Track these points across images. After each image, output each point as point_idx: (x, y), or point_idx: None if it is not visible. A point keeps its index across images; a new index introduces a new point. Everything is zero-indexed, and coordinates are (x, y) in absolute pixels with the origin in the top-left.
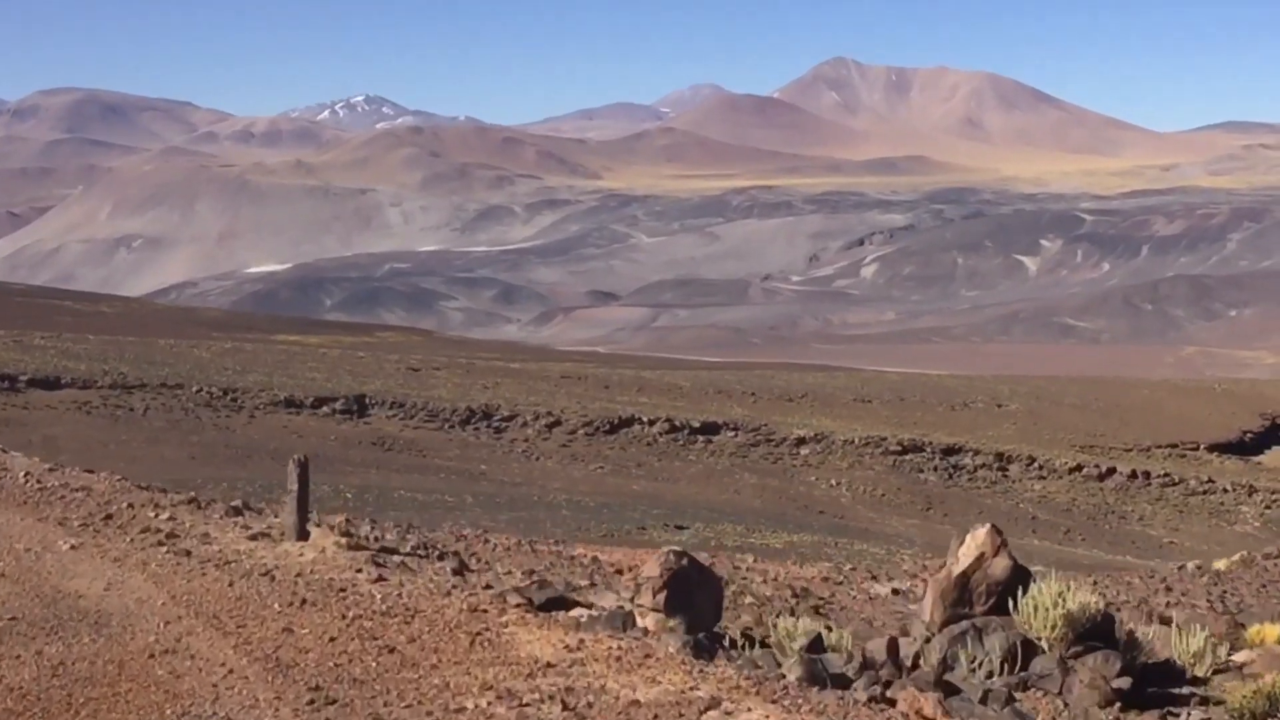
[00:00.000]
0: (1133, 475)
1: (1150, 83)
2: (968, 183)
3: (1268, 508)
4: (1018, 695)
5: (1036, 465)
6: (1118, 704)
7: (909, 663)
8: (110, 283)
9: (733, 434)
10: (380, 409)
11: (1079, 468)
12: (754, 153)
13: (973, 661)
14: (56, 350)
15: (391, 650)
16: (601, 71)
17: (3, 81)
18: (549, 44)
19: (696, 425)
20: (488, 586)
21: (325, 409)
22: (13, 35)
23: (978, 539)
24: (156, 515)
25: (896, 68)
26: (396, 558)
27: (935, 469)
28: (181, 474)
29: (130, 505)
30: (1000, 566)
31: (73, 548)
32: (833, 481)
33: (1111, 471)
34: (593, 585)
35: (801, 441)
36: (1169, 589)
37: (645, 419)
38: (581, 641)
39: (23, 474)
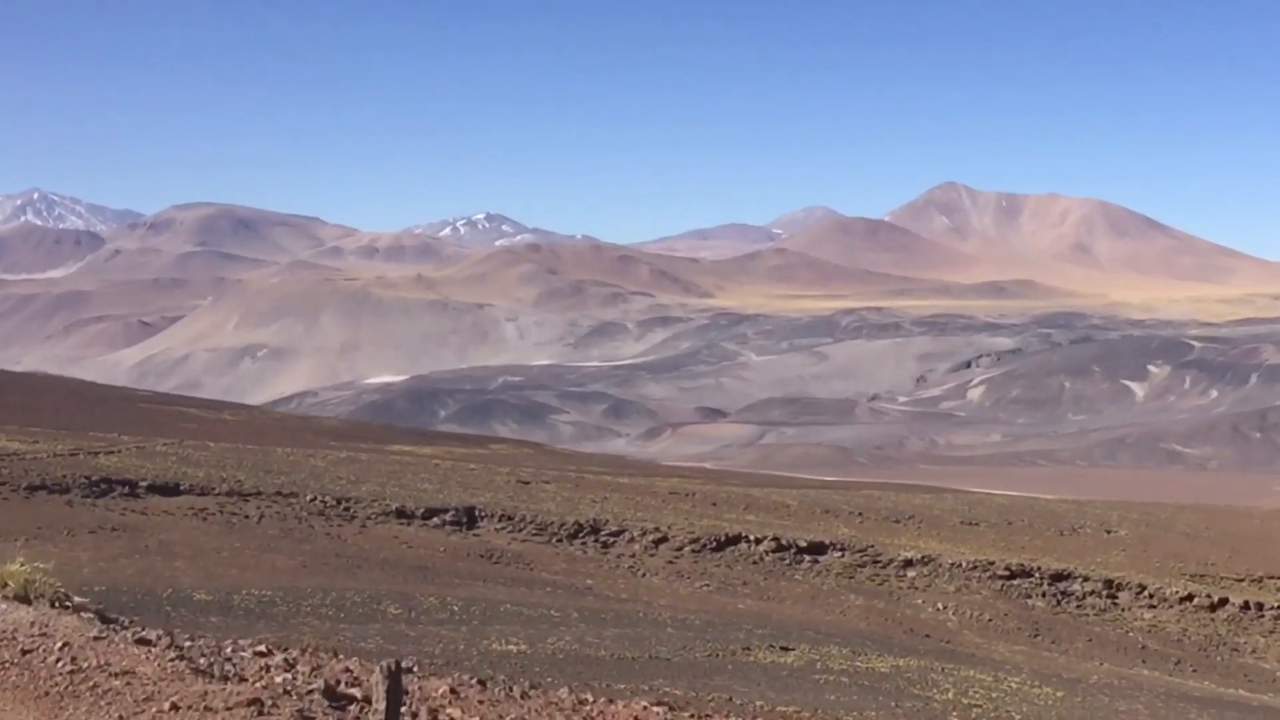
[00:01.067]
0: (1245, 606)
1: (1260, 210)
2: (1076, 308)
3: None
4: None
5: (1146, 593)
6: None
7: None
8: (234, 391)
9: (839, 554)
10: (489, 521)
11: (1190, 597)
12: (864, 274)
13: None
14: (177, 457)
15: None
16: (716, 192)
17: (141, 196)
18: (665, 165)
19: (803, 545)
20: None
21: (435, 520)
22: (152, 152)
23: None
24: None
25: (1007, 193)
26: None
27: (1043, 595)
28: (290, 582)
29: (174, 708)
30: None
31: None
32: (939, 605)
33: (1224, 602)
34: None
35: (908, 563)
36: None
37: (752, 537)
38: None
39: (60, 644)
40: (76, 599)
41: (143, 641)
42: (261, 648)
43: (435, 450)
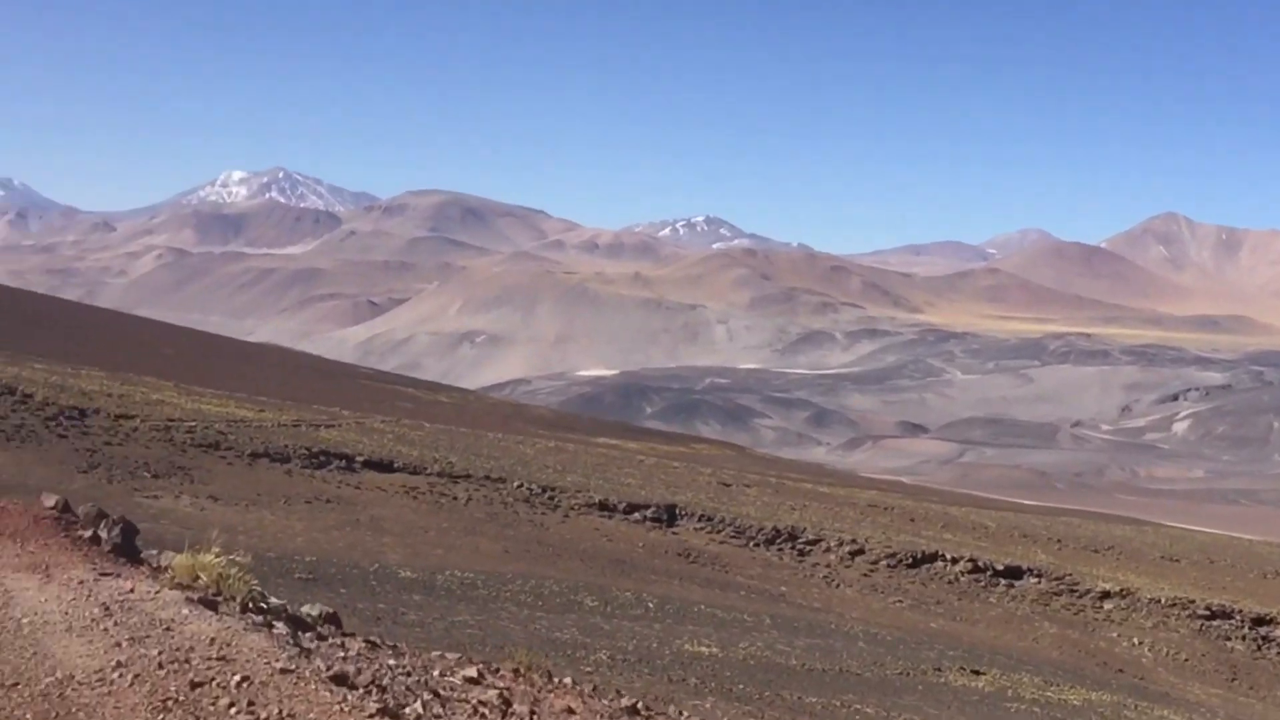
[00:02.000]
0: None
1: None
2: None
3: None
4: None
5: None
6: None
7: None
8: (451, 374)
9: (1035, 580)
10: (689, 520)
11: None
12: (1076, 300)
13: None
14: (394, 435)
15: None
16: (933, 209)
17: (379, 180)
18: (885, 179)
19: (1000, 568)
20: None
21: (636, 515)
22: (391, 138)
23: None
24: None
25: (1227, 227)
26: None
27: (1243, 638)
28: (493, 566)
29: None
30: None
31: None
32: (1135, 640)
33: None
34: None
35: (1105, 595)
36: None
37: (949, 556)
38: None
39: (238, 678)
40: (272, 600)
41: (340, 680)
42: (472, 671)
43: (640, 445)
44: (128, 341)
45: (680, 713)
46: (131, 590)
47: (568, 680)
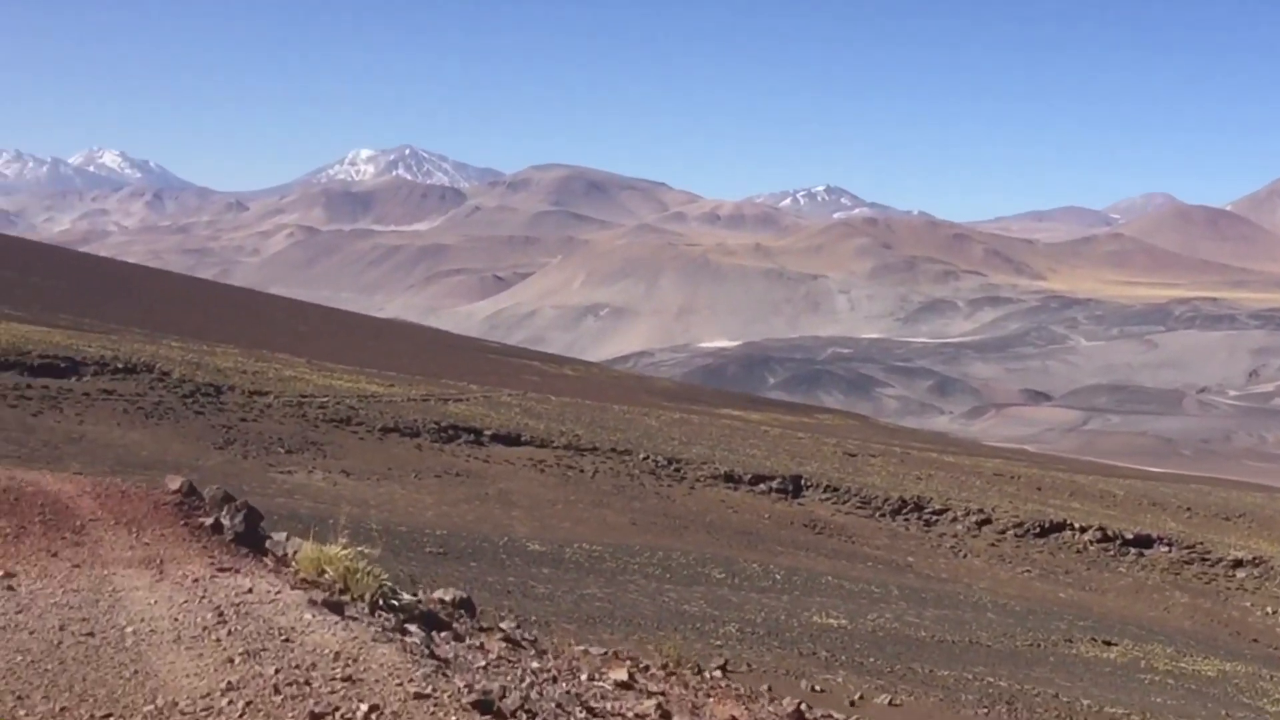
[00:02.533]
0: None
1: None
2: None
3: None
4: None
5: None
6: None
7: None
8: (576, 347)
9: (1166, 549)
10: (814, 491)
11: None
12: (1201, 264)
13: None
14: (520, 409)
15: None
16: (1055, 174)
17: (503, 155)
18: (1005, 146)
19: (1129, 537)
20: None
21: (762, 486)
22: (515, 114)
23: None
24: None
25: None
26: None
27: None
28: (620, 539)
29: None
30: None
31: None
32: (1269, 609)
33: None
34: None
35: (1238, 564)
36: None
37: (1077, 525)
38: None
39: (366, 708)
40: (404, 596)
41: (484, 708)
42: (622, 674)
43: (763, 416)
44: (261, 319)
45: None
46: (250, 590)
47: (720, 679)
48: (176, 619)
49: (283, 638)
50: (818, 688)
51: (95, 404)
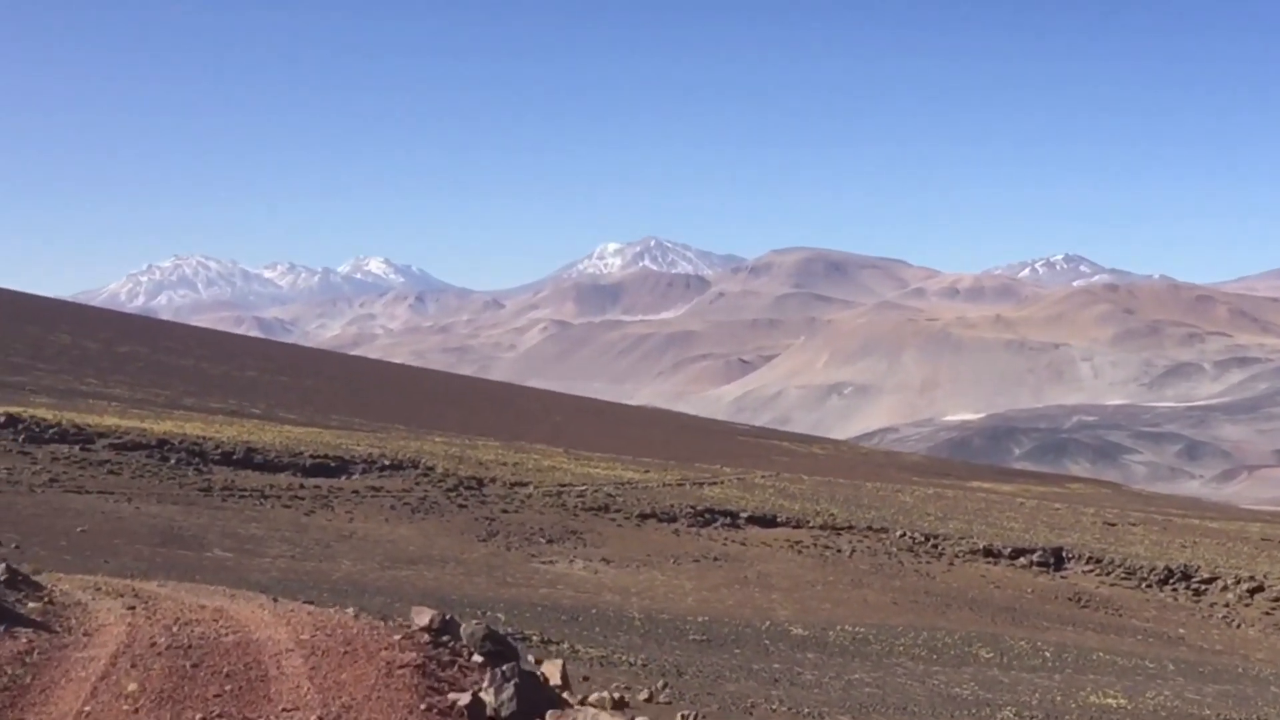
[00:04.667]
0: None
1: None
2: None
3: None
4: None
5: None
6: None
7: None
8: (821, 426)
9: None
10: (1077, 563)
11: None
12: None
13: None
14: (774, 489)
15: None
16: None
17: (744, 241)
18: (1248, 202)
19: None
20: None
21: (1022, 560)
22: (755, 199)
23: None
24: None
25: None
26: None
27: None
28: (882, 619)
29: None
30: None
31: None
32: None
33: None
34: None
35: None
36: None
37: None
38: None
39: None
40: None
41: None
42: None
43: (1014, 488)
44: (518, 411)
45: None
46: None
47: None
48: None
49: None
50: None
51: (364, 501)
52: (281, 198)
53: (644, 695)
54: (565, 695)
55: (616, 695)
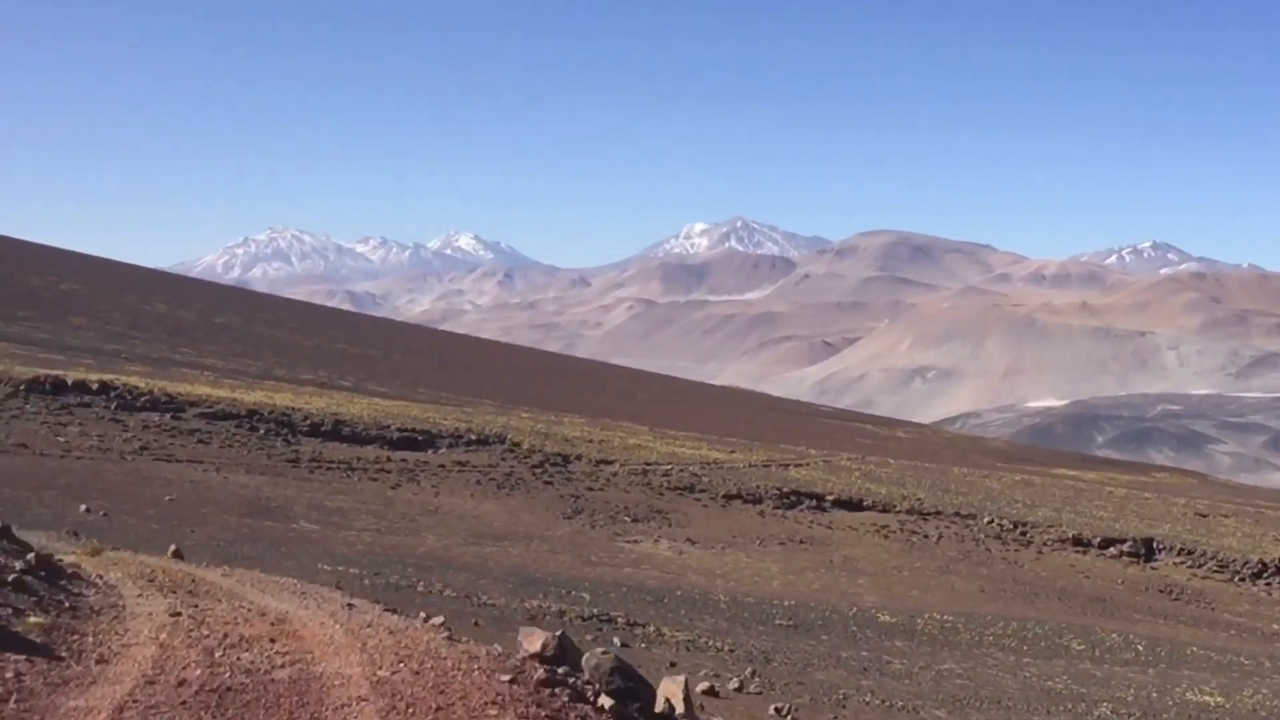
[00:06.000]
0: None
1: None
2: None
3: None
4: None
5: None
6: None
7: None
8: (904, 409)
9: None
10: (1168, 554)
11: None
12: None
13: None
14: (860, 473)
15: None
16: None
17: (831, 223)
18: None
19: None
20: None
21: (1112, 550)
22: (842, 182)
23: None
24: None
25: None
26: None
27: None
28: (971, 607)
29: None
30: None
31: None
32: None
33: None
34: None
35: None
36: None
37: None
38: None
39: None
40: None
41: None
42: None
43: (1099, 476)
44: (604, 389)
45: None
46: None
47: None
48: None
49: None
50: None
51: (450, 476)
52: (375, 173)
53: (734, 685)
54: None
55: (706, 685)
